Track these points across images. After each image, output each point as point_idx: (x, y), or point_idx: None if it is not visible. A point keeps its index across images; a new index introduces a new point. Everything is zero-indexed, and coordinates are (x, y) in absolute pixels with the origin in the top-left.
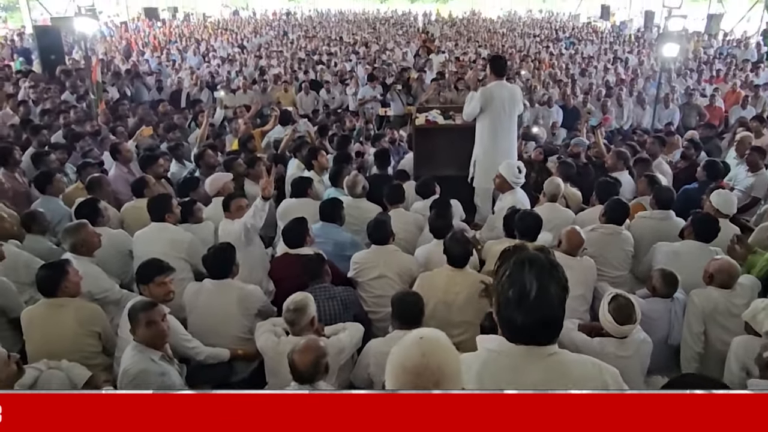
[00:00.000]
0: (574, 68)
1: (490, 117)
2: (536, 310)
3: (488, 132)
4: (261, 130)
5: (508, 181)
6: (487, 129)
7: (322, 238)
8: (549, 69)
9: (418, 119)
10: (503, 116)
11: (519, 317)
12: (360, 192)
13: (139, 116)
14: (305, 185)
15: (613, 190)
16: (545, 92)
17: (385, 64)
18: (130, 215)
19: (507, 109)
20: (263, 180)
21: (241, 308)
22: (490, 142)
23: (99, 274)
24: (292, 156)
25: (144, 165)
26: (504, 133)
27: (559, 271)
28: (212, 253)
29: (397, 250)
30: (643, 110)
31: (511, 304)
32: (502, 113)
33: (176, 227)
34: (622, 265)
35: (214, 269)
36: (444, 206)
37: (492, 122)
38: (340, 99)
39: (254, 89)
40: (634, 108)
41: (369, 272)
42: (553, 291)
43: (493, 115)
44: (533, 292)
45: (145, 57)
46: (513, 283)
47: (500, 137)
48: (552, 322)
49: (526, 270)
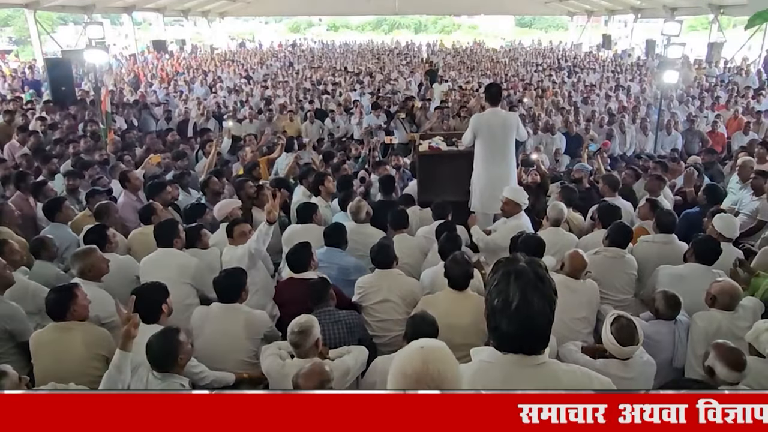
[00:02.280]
0: (576, 96)
1: (482, 143)
2: (519, 319)
3: (481, 158)
4: (267, 158)
5: (518, 204)
6: (480, 155)
7: (327, 262)
8: (552, 97)
9: (422, 146)
10: (495, 143)
11: (503, 325)
12: (364, 217)
13: (146, 145)
14: (310, 211)
15: (616, 214)
16: (548, 119)
17: (390, 93)
18: (137, 241)
19: (499, 135)
20: (268, 204)
21: (248, 332)
22: (484, 169)
23: (106, 299)
24: (298, 183)
25: (152, 193)
26: (498, 160)
27: (546, 284)
28: (224, 277)
29: (400, 274)
30: (645, 137)
31: (497, 313)
32: (492, 140)
33: (182, 252)
34: (626, 288)
35: (224, 293)
36: (452, 229)
37: (485, 149)
38: (345, 128)
39: (260, 119)
40: (636, 135)
41: (373, 296)
42: (537, 302)
43: (485, 142)
44: (515, 302)
45: (153, 88)
46: (499, 293)
47: (494, 163)
48: (535, 331)
49: (512, 280)
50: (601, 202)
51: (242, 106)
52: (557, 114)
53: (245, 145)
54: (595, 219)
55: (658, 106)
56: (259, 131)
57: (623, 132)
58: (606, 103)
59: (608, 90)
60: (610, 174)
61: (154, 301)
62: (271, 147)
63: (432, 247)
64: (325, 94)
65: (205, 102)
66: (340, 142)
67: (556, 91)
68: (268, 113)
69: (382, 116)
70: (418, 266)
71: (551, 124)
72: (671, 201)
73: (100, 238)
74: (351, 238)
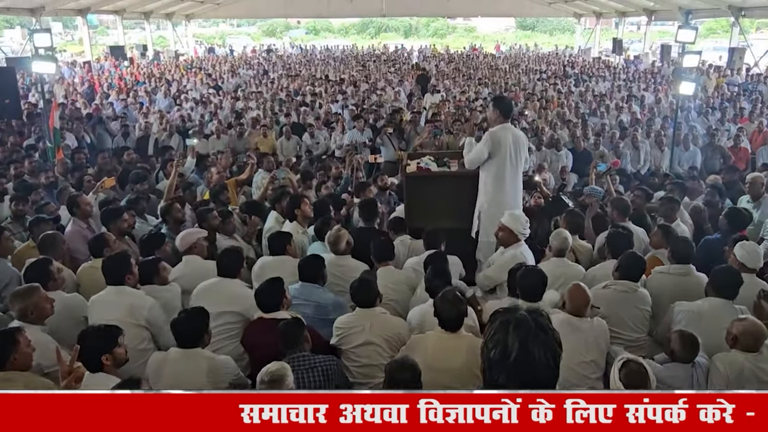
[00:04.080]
0: (584, 107)
1: (496, 164)
2: (517, 372)
3: (493, 180)
4: (236, 180)
5: (515, 233)
6: (492, 177)
7: (302, 299)
8: (557, 108)
9: (410, 166)
10: (509, 163)
11: (501, 379)
12: (344, 248)
13: (99, 166)
14: (284, 241)
15: (627, 243)
16: (553, 134)
17: (375, 105)
18: (87, 277)
19: (513, 155)
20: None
21: (211, 380)
22: (496, 192)
23: (50, 344)
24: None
25: (106, 220)
26: (510, 182)
27: (549, 334)
28: (184, 318)
29: (384, 312)
30: (661, 152)
31: (494, 365)
32: (507, 160)
33: (136, 291)
34: (639, 326)
35: (183, 336)
36: (441, 261)
37: (498, 170)
38: (325, 144)
39: (230, 134)
40: (651, 150)
41: (354, 338)
42: (538, 353)
43: (499, 162)
44: (514, 353)
45: (109, 100)
46: (496, 343)
47: (506, 186)
48: (536, 385)
49: (510, 330)
50: (611, 229)
51: (210, 119)
52: (563, 127)
53: (211, 165)
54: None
55: (675, 119)
56: (228, 148)
57: (636, 147)
58: (617, 115)
59: (619, 100)
60: (620, 198)
61: (102, 347)
62: (242, 166)
63: (421, 282)
64: (303, 106)
65: (168, 115)
66: (320, 160)
67: (562, 102)
68: (239, 128)
69: (367, 131)
70: (405, 303)
71: (556, 139)
72: (690, 226)
73: (43, 274)
74: (330, 272)
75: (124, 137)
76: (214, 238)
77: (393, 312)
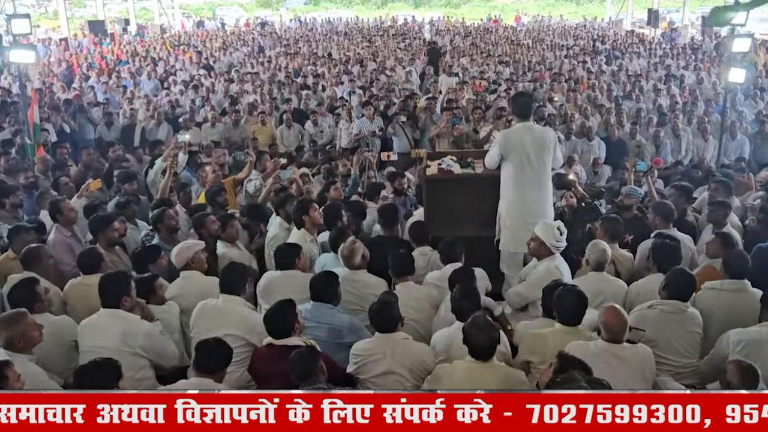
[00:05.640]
0: (617, 89)
1: (513, 166)
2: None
3: (512, 184)
4: (233, 179)
5: (547, 246)
6: (510, 181)
7: (314, 321)
8: (587, 90)
9: (430, 168)
10: (529, 165)
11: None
12: (359, 262)
13: (84, 163)
14: (293, 255)
15: (675, 256)
16: (584, 121)
17: (385, 88)
18: (76, 295)
19: (533, 157)
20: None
21: None
22: (515, 197)
23: (39, 376)
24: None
25: (95, 229)
26: (531, 187)
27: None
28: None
29: (407, 338)
30: (705, 141)
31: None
32: (525, 162)
33: (130, 315)
34: (689, 351)
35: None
36: (469, 279)
37: (516, 172)
38: (330, 133)
39: (224, 122)
40: (693, 139)
41: (373, 367)
42: None
43: (516, 165)
44: None
45: (89, 83)
46: None
47: (526, 190)
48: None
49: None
50: (657, 237)
51: (202, 105)
52: (594, 113)
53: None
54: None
55: (724, 104)
56: (223, 138)
57: (677, 136)
58: (654, 98)
59: (657, 81)
60: (663, 202)
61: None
62: (238, 163)
63: (445, 299)
64: (304, 89)
65: (155, 100)
66: (325, 151)
67: (593, 83)
68: (235, 115)
69: (378, 120)
70: (427, 323)
71: (588, 127)
72: (739, 230)
73: (30, 296)
74: (344, 288)
75: (107, 126)
76: (215, 247)
77: (414, 333)
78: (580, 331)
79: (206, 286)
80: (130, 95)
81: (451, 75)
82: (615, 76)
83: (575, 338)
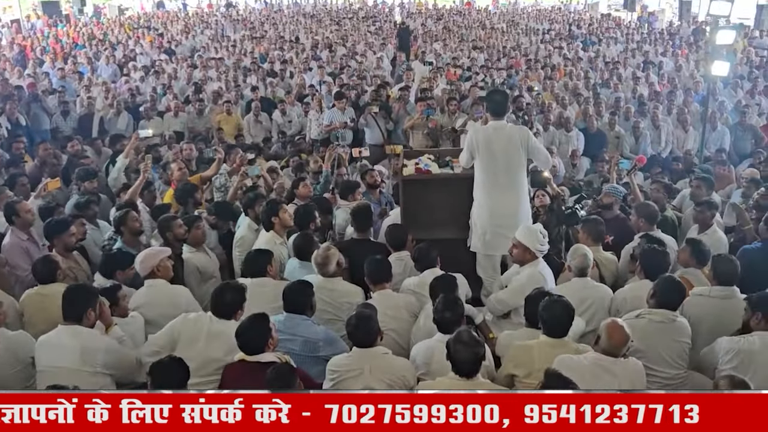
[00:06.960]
0: (595, 77)
1: (482, 167)
2: None
3: (480, 185)
4: (200, 177)
5: (531, 251)
6: (480, 182)
7: (287, 334)
8: (564, 78)
9: (407, 168)
10: (499, 166)
11: None
12: (334, 270)
13: (41, 158)
14: (264, 262)
15: (663, 263)
16: (562, 111)
17: (356, 75)
18: (33, 305)
19: (500, 157)
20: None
21: None
22: (483, 198)
23: None
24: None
25: (50, 234)
26: (500, 187)
27: None
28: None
29: (386, 353)
30: (685, 132)
31: None
32: (494, 162)
33: (89, 331)
34: (677, 361)
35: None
36: (451, 288)
37: (485, 173)
38: (299, 122)
39: (187, 111)
40: (674, 130)
41: (351, 383)
42: None
43: (483, 165)
44: None
45: (44, 69)
46: None
47: (494, 192)
48: None
49: None
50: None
51: (164, 93)
52: (572, 103)
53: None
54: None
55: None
56: (186, 128)
57: (657, 127)
58: (634, 86)
59: (635, 68)
60: (647, 203)
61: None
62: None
63: (425, 308)
64: (271, 76)
65: (114, 87)
66: (294, 143)
67: (570, 71)
68: (198, 104)
69: (349, 110)
70: (406, 333)
71: (566, 117)
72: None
73: None
74: (318, 297)
75: (63, 116)
76: (180, 250)
77: (392, 344)
78: (567, 342)
79: (173, 296)
80: (87, 82)
81: (425, 63)
82: (592, 63)
83: (562, 351)
